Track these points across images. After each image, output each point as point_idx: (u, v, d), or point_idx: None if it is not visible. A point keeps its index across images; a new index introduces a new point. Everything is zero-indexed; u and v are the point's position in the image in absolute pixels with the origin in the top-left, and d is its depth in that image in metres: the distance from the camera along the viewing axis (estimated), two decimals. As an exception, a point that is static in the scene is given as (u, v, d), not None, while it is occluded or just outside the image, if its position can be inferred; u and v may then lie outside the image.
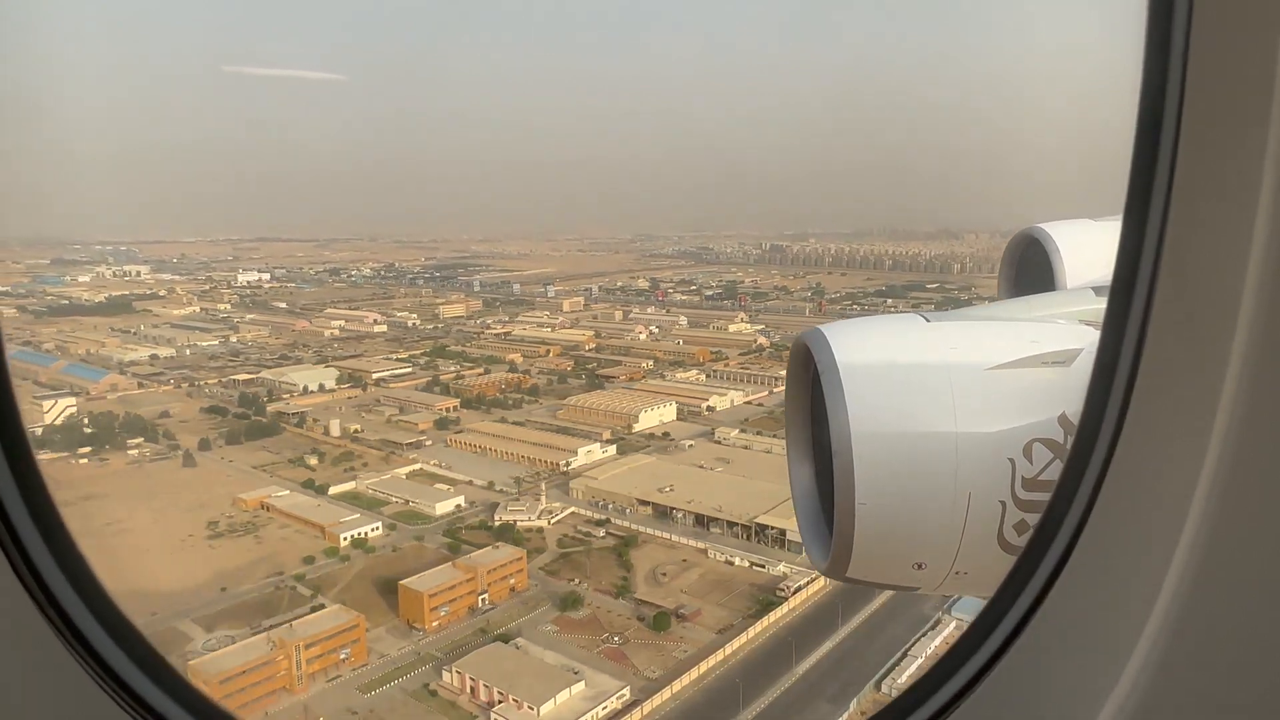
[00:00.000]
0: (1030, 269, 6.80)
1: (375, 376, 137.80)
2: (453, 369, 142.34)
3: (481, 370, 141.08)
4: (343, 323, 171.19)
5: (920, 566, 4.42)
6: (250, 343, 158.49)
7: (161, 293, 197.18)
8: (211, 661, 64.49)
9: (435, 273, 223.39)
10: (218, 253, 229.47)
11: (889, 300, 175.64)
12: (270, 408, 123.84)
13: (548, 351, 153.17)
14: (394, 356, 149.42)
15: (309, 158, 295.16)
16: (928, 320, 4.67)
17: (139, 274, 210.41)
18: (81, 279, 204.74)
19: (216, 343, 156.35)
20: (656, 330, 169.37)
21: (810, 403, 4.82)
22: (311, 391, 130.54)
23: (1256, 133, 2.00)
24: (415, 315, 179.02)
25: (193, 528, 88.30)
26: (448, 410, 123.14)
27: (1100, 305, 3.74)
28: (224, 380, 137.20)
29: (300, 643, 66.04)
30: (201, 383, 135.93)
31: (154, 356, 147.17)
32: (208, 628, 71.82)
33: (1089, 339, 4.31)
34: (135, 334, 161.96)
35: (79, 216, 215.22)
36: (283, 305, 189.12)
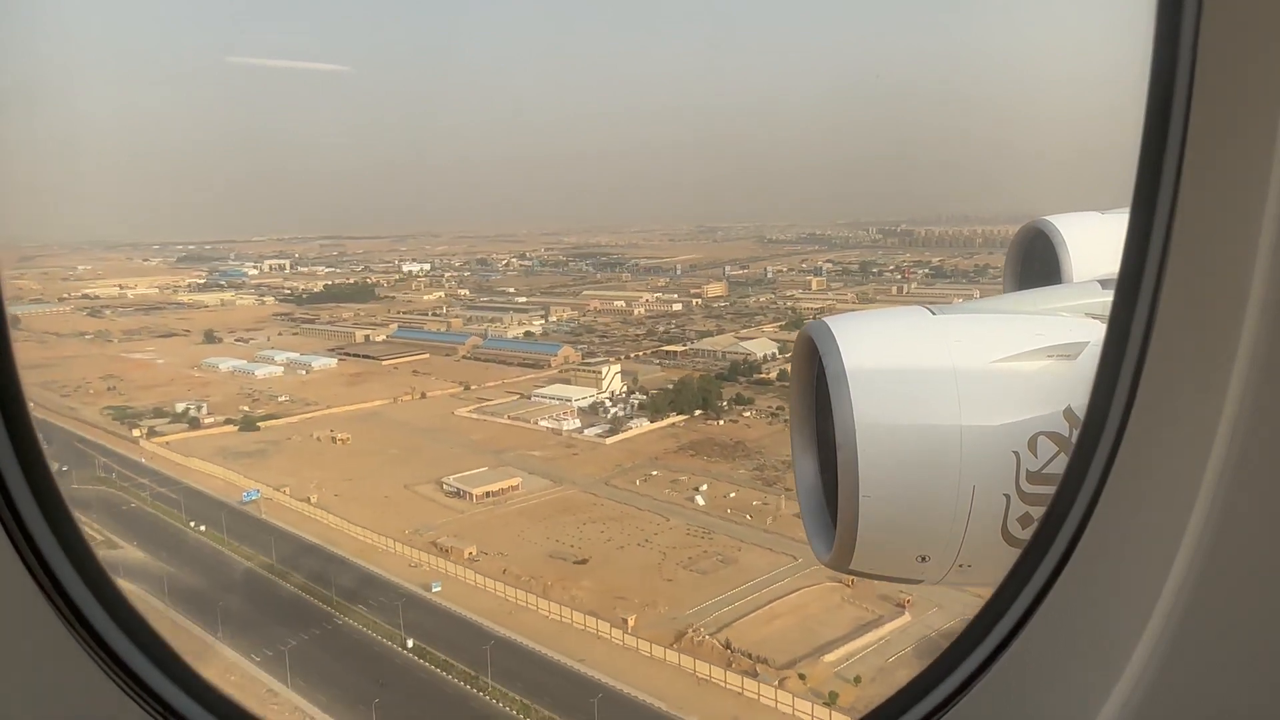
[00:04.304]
0: (1036, 262, 6.74)
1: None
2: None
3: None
4: (621, 304, 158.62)
5: (924, 559, 4.31)
6: (568, 321, 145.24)
7: (369, 281, 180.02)
8: None
9: (583, 262, 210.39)
10: (297, 250, 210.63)
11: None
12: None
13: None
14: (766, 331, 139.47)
15: (336, 158, 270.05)
16: (933, 313, 4.56)
17: (286, 268, 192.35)
18: (250, 272, 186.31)
19: (541, 321, 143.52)
20: (961, 301, 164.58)
21: (815, 395, 4.72)
22: (767, 361, 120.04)
23: (1265, 126, 1.96)
24: (674, 295, 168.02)
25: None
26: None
27: (1106, 299, 3.46)
28: (649, 351, 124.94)
29: None
30: (628, 355, 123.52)
31: (528, 334, 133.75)
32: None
33: (1095, 333, 4.23)
34: (436, 317, 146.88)
35: (135, 220, 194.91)
36: (510, 290, 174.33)
